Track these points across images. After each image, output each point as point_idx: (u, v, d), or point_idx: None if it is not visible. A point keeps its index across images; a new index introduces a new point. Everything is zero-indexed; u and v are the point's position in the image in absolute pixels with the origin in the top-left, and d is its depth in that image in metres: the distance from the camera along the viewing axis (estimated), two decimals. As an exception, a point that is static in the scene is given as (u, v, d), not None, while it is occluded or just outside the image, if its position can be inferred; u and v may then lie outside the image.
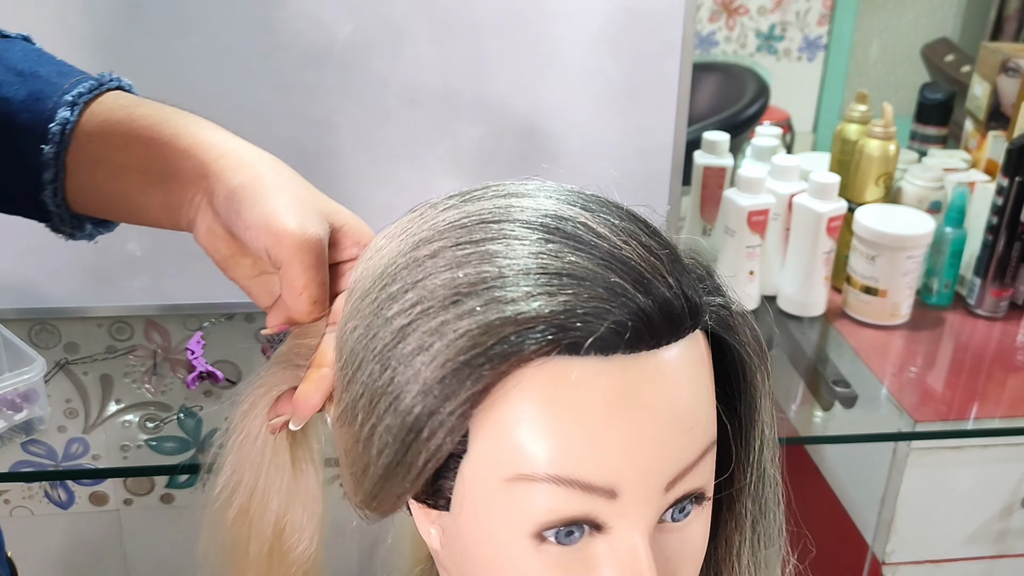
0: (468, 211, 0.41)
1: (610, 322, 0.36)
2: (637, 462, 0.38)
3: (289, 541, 0.50)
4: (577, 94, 1.25)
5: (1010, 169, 1.26)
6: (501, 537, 0.39)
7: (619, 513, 0.38)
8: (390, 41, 1.20)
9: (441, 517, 0.42)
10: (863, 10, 1.50)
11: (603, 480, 0.37)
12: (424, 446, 0.38)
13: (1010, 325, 1.35)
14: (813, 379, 1.27)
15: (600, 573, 0.39)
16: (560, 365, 0.37)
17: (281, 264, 0.47)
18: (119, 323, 1.33)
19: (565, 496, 0.37)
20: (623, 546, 0.39)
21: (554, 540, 0.39)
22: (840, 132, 1.40)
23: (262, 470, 0.50)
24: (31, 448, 1.19)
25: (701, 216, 1.42)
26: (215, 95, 1.19)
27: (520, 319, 0.36)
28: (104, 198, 0.55)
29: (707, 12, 1.45)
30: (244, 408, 0.50)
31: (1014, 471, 1.19)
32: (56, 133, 0.53)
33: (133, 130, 0.52)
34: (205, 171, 0.49)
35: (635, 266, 0.38)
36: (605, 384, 0.37)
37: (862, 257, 1.30)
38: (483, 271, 0.38)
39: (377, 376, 0.40)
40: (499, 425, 0.38)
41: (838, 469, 1.38)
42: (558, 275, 0.37)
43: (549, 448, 0.37)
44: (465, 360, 0.37)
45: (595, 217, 0.40)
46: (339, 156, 1.24)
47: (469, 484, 0.39)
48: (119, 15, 1.14)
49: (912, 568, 1.23)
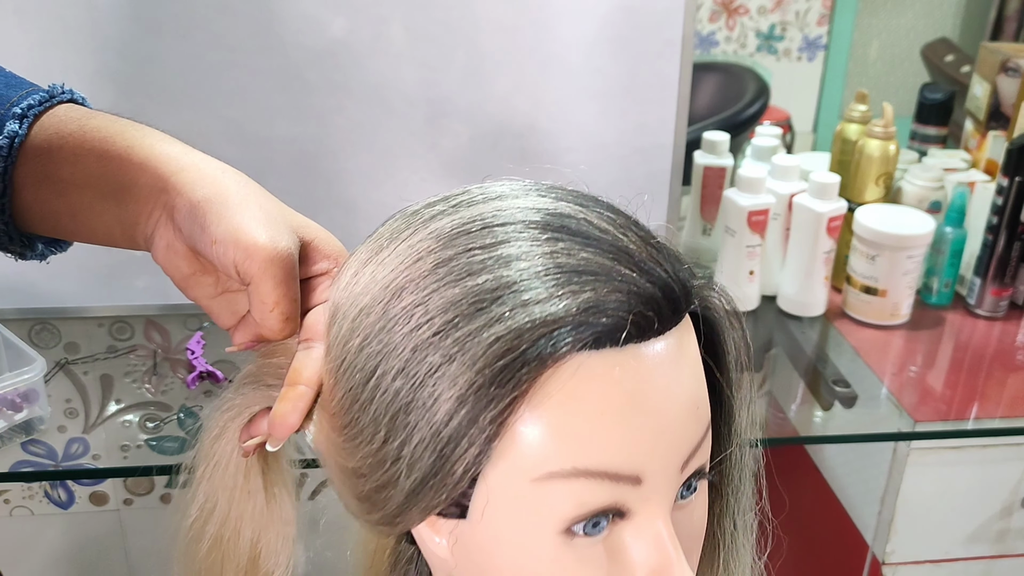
0: (466, 216, 0.41)
1: (629, 313, 0.38)
2: (658, 446, 0.39)
3: (265, 567, 0.49)
4: (577, 94, 1.25)
5: (1010, 169, 1.26)
6: (529, 537, 0.39)
7: (643, 498, 0.39)
8: (390, 41, 1.20)
9: (457, 526, 0.41)
10: (863, 10, 1.50)
11: (629, 468, 0.38)
12: (463, 456, 0.38)
13: (1010, 325, 1.35)
14: (813, 379, 1.27)
15: (630, 557, 0.40)
16: (582, 361, 0.38)
17: (251, 279, 0.45)
18: (119, 323, 1.33)
19: (594, 488, 0.38)
20: (648, 529, 0.40)
21: (582, 533, 0.39)
22: (840, 132, 1.40)
23: (235, 496, 0.48)
24: (31, 448, 1.19)
25: (701, 216, 1.42)
26: (216, 95, 1.19)
27: (550, 320, 0.37)
28: (53, 216, 0.51)
29: (707, 12, 1.45)
30: (213, 434, 0.48)
31: (1014, 471, 1.19)
32: (3, 147, 0.49)
33: (85, 143, 0.49)
34: (164, 185, 0.47)
35: (637, 256, 0.39)
36: (623, 374, 0.38)
37: (862, 257, 1.30)
38: (502, 276, 0.38)
39: (402, 392, 0.39)
40: (527, 426, 0.38)
41: (838, 469, 1.38)
42: (576, 272, 0.38)
43: (577, 443, 0.38)
44: (503, 365, 0.37)
45: (591, 212, 0.41)
46: (339, 156, 1.24)
47: (494, 489, 0.39)
48: (121, 14, 1.14)
49: (912, 568, 1.23)
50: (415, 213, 0.44)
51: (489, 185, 0.44)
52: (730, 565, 0.50)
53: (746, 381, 0.46)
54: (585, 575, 0.40)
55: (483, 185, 0.44)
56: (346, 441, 0.42)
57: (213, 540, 0.49)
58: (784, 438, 1.20)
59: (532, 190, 0.43)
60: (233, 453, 0.48)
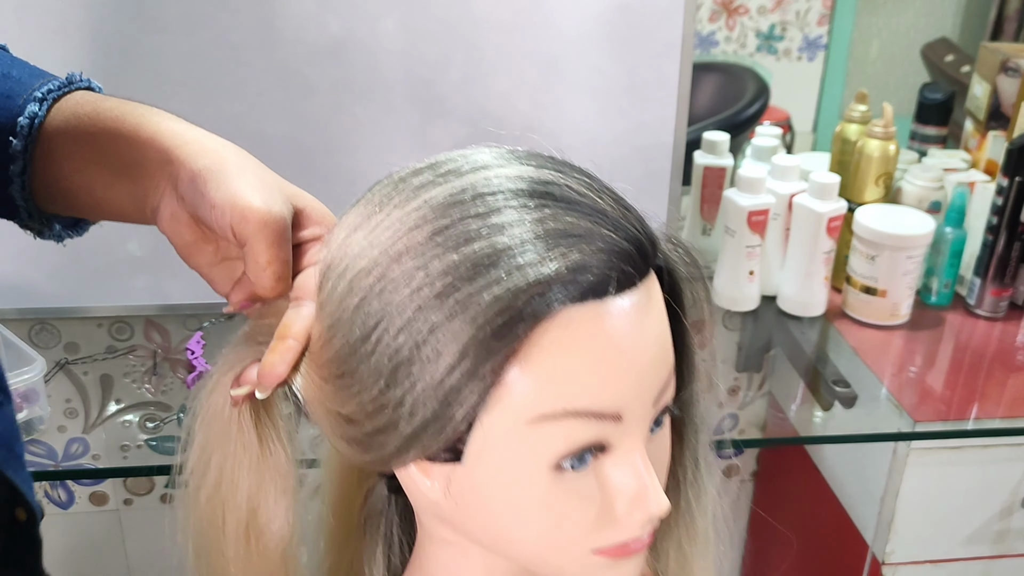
0: (457, 186, 0.45)
1: (611, 270, 0.42)
2: (635, 386, 0.44)
3: (263, 519, 0.51)
4: (577, 94, 1.25)
5: (1010, 169, 1.26)
6: (522, 474, 0.44)
7: (622, 433, 0.45)
8: (390, 39, 1.20)
9: (452, 470, 0.45)
10: (863, 10, 1.50)
11: (612, 406, 0.43)
12: (463, 404, 0.42)
13: (1010, 325, 1.35)
14: (813, 379, 1.27)
15: (612, 485, 0.45)
16: (568, 314, 0.42)
17: (246, 241, 0.49)
18: (119, 323, 1.33)
19: (581, 426, 0.43)
20: (627, 460, 0.45)
21: (569, 468, 0.44)
22: (840, 132, 1.40)
23: (229, 447, 0.51)
24: (31, 448, 1.19)
25: (701, 216, 1.42)
26: (216, 92, 1.19)
27: (543, 280, 0.41)
28: (71, 193, 0.56)
29: (707, 12, 1.45)
30: (207, 388, 0.51)
31: (1014, 471, 1.19)
32: (24, 127, 0.54)
33: (98, 123, 0.54)
34: (169, 157, 0.51)
35: (613, 217, 0.44)
36: (605, 323, 0.43)
37: (862, 257, 1.30)
38: (496, 242, 0.42)
39: (405, 347, 0.43)
40: (519, 375, 0.42)
41: (838, 469, 1.38)
42: (563, 236, 0.42)
43: (567, 387, 0.42)
44: (502, 323, 0.41)
45: (571, 178, 0.46)
46: (338, 153, 1.24)
47: (489, 432, 0.43)
48: (121, 12, 1.14)
49: (912, 568, 1.23)
50: (402, 180, 0.47)
51: (472, 153, 0.47)
52: (691, 502, 0.55)
53: (708, 323, 0.52)
54: (573, 504, 0.45)
55: (465, 153, 0.47)
56: (339, 390, 0.46)
57: (212, 488, 0.51)
58: (784, 438, 1.20)
59: (514, 159, 0.47)
60: (225, 405, 0.50)
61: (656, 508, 0.45)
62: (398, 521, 0.56)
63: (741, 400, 1.56)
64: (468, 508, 0.46)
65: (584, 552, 0.46)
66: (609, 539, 0.46)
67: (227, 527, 0.51)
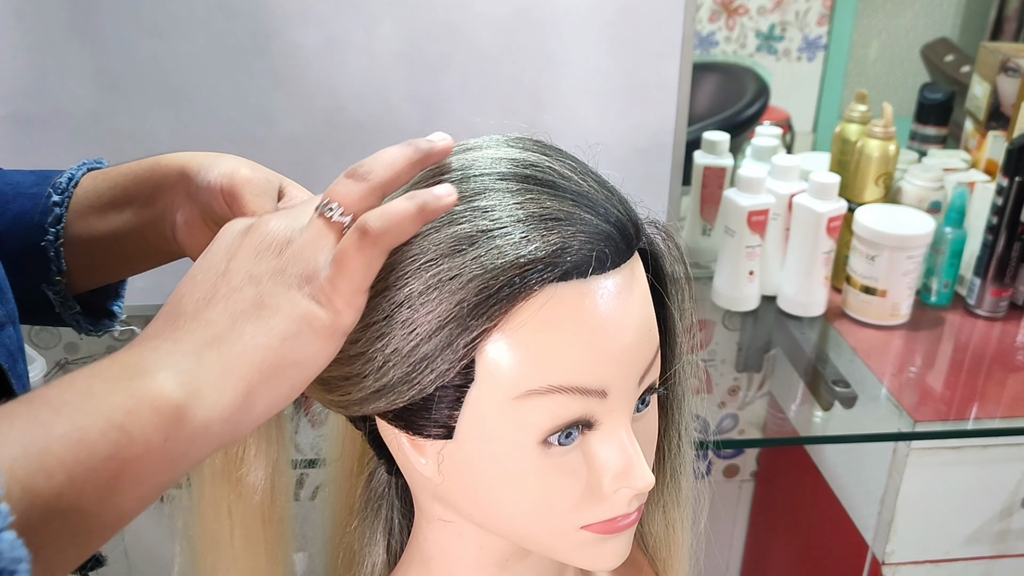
0: (444, 167, 0.47)
1: (592, 251, 0.44)
2: (620, 363, 0.45)
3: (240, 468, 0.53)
4: (577, 93, 1.25)
5: (1010, 169, 1.26)
6: (511, 449, 0.45)
7: (608, 409, 0.46)
8: (390, 40, 1.20)
9: (444, 446, 0.47)
10: (862, 10, 1.50)
11: (597, 383, 0.45)
12: (433, 371, 0.44)
13: (1010, 325, 1.35)
14: (813, 379, 1.27)
15: (599, 461, 0.46)
16: (552, 293, 0.43)
17: (234, 198, 0.53)
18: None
19: (566, 402, 0.44)
20: (613, 436, 0.47)
21: (556, 443, 0.45)
22: (840, 132, 1.40)
23: None
24: (31, 448, 1.19)
25: (701, 216, 1.42)
26: (215, 95, 1.19)
27: (522, 262, 0.42)
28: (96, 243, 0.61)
29: (707, 12, 1.45)
30: None
31: (1014, 471, 1.19)
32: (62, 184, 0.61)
33: (116, 174, 0.61)
34: (182, 171, 0.57)
35: (596, 199, 0.46)
36: (589, 302, 0.44)
37: (862, 257, 1.30)
38: (478, 224, 0.43)
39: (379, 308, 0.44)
40: (505, 352, 0.43)
41: (838, 469, 1.38)
42: (544, 219, 0.44)
43: (552, 363, 0.44)
44: (478, 301, 0.42)
45: (555, 161, 0.47)
46: (339, 155, 1.24)
47: (478, 409, 0.45)
48: (121, 15, 1.14)
49: (912, 568, 1.23)
50: None
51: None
52: (676, 471, 0.58)
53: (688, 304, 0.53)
54: (561, 478, 0.46)
55: None
56: None
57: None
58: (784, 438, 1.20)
59: (503, 142, 0.49)
60: None
61: (642, 483, 0.46)
62: (399, 505, 0.57)
63: (741, 400, 1.56)
64: (460, 484, 0.48)
65: (572, 528, 0.47)
66: (597, 515, 0.47)
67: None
